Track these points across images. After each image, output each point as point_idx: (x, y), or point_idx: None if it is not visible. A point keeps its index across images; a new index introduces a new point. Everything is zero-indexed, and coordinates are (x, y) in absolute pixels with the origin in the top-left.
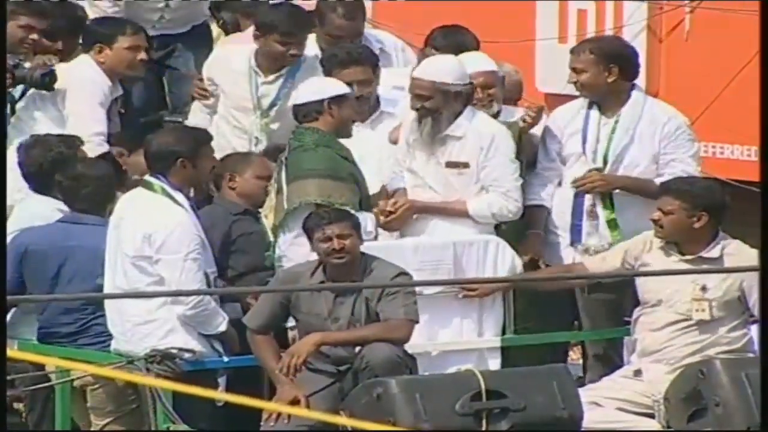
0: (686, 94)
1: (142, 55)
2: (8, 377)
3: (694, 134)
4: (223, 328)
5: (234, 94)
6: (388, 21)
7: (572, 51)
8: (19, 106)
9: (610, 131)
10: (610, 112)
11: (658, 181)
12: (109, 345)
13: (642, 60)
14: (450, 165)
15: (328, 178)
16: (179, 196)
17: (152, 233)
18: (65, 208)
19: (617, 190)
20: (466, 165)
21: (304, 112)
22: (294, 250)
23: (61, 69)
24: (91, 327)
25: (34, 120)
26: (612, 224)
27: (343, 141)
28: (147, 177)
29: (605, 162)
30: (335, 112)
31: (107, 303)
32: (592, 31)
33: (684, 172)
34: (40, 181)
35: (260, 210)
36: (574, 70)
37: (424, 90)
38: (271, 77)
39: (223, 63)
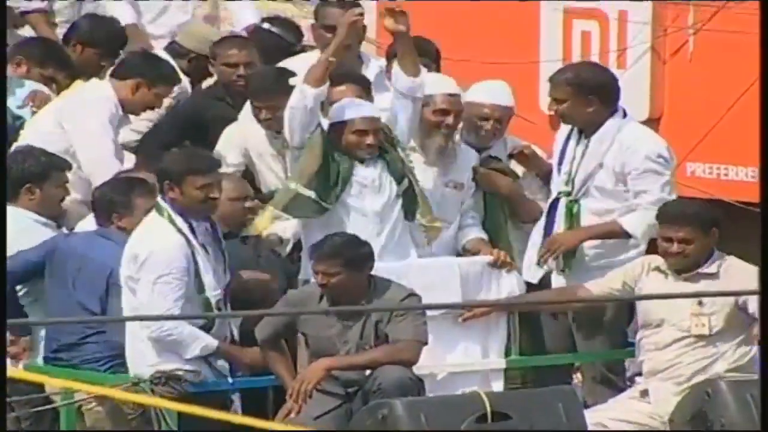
0: (690, 115)
1: (167, 103)
2: (8, 399)
3: (665, 161)
4: (198, 352)
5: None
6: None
7: (550, 80)
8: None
9: (580, 156)
10: (588, 137)
11: (624, 219)
12: (102, 363)
13: (645, 82)
14: (449, 184)
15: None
16: (178, 220)
17: (138, 253)
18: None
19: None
20: (462, 185)
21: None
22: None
23: (75, 88)
24: (87, 344)
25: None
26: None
27: None
28: (158, 199)
29: (573, 185)
30: (332, 136)
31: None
32: (596, 53)
33: (653, 202)
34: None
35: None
36: (554, 99)
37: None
38: None
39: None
